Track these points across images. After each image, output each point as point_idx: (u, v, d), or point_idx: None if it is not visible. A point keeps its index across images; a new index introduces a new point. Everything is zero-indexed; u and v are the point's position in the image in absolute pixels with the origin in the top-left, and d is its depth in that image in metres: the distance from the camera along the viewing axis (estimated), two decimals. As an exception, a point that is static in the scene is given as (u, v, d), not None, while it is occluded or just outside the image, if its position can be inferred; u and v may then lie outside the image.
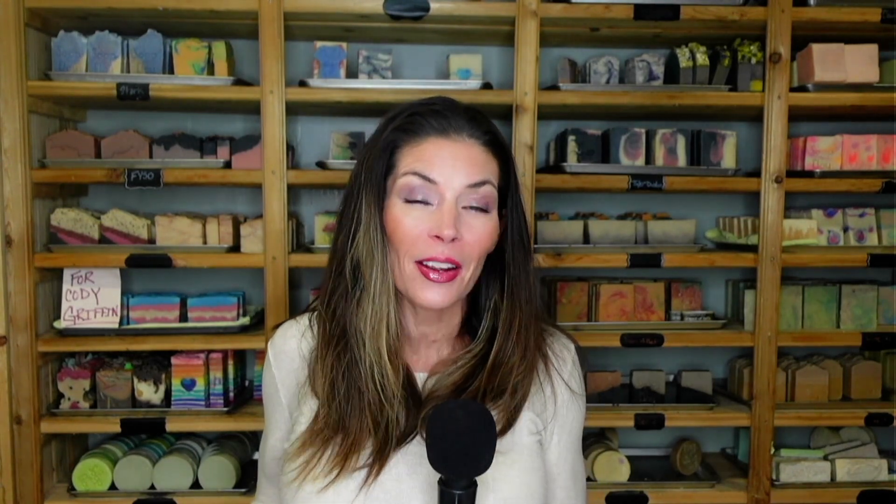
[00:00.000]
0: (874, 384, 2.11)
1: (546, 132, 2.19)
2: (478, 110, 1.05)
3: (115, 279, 1.94)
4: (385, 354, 1.00)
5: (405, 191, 0.98)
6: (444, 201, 0.97)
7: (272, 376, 1.10)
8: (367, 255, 1.00)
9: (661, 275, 2.14)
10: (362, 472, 0.97)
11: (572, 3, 1.87)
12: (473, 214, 0.99)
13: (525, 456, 1.03)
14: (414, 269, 0.98)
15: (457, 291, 1.00)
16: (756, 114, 1.98)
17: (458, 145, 0.99)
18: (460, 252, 0.98)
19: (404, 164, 0.99)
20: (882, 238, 2.07)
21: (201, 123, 2.15)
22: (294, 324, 1.11)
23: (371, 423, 0.98)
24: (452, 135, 1.00)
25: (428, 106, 1.03)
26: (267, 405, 1.12)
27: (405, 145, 1.00)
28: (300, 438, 1.01)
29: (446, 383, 1.03)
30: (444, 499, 0.87)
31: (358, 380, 1.00)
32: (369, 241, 1.00)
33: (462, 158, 0.99)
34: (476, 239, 0.99)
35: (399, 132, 1.01)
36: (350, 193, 1.04)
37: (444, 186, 0.97)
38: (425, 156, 0.98)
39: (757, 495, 2.00)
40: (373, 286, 1.00)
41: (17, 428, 1.86)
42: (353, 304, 1.02)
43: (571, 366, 1.12)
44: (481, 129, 1.02)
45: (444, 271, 0.98)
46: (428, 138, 0.99)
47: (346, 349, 1.02)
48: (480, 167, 1.00)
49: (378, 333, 1.00)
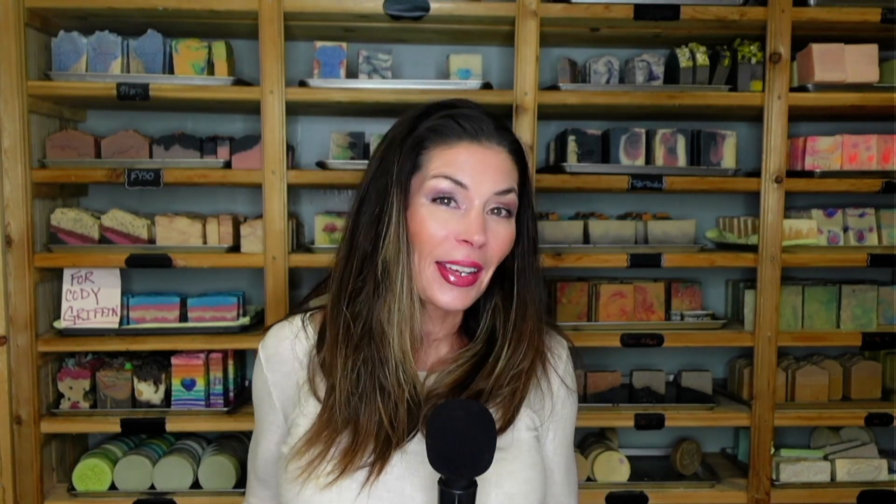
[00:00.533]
0: (874, 384, 2.12)
1: (546, 132, 2.19)
2: (501, 118, 1.06)
3: (115, 279, 1.94)
4: (409, 354, 1.01)
5: (433, 192, 0.99)
6: (473, 207, 0.98)
7: (264, 379, 1.09)
8: (395, 255, 1.00)
9: (661, 275, 2.14)
10: (364, 471, 0.97)
11: (572, 3, 1.87)
12: (497, 220, 1.01)
13: (525, 451, 1.04)
14: (434, 271, 0.99)
15: (475, 294, 1.02)
16: (756, 114, 1.98)
17: (489, 152, 1.01)
18: (484, 256, 1.00)
19: (434, 165, 0.99)
20: (882, 238, 2.07)
21: (201, 123, 2.15)
22: (286, 325, 1.10)
23: (384, 421, 0.98)
24: (484, 141, 1.01)
25: (459, 109, 1.03)
26: (259, 408, 1.12)
27: (434, 147, 1.00)
28: (303, 438, 1.01)
29: (446, 382, 1.04)
30: (444, 499, 0.87)
31: (382, 379, 0.99)
32: (398, 241, 1.00)
33: (492, 165, 1.00)
34: (499, 244, 1.01)
35: (429, 132, 1.01)
36: (369, 191, 1.03)
37: (473, 192, 0.98)
38: (457, 160, 0.99)
39: (757, 495, 2.00)
40: (399, 286, 1.00)
41: (17, 428, 1.86)
42: (379, 304, 1.01)
43: (566, 363, 1.14)
44: (508, 137, 1.04)
45: (464, 276, 0.99)
46: (461, 142, 1.00)
47: (370, 348, 1.01)
48: (507, 175, 1.01)
49: (403, 334, 1.01)
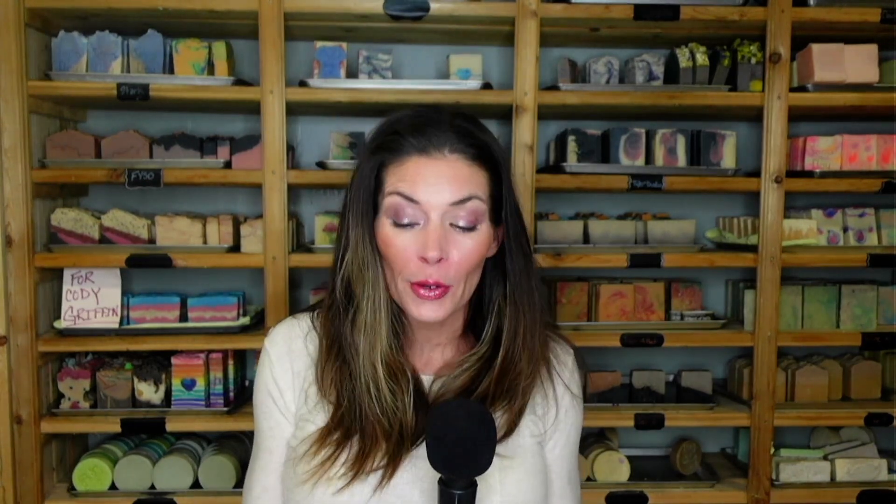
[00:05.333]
0: (874, 384, 2.12)
1: (546, 132, 2.19)
2: (468, 118, 1.03)
3: (116, 279, 1.93)
4: (380, 369, 0.99)
5: (391, 211, 0.98)
6: (430, 221, 0.96)
7: (272, 378, 1.07)
8: (357, 273, 1.00)
9: (661, 275, 2.14)
10: (375, 475, 0.97)
11: (572, 3, 1.87)
12: (460, 232, 0.98)
13: (528, 459, 1.04)
14: (406, 286, 0.99)
15: (451, 305, 1.00)
16: (756, 114, 1.98)
17: (439, 163, 0.97)
18: (446, 273, 0.97)
19: (389, 183, 0.99)
20: (882, 238, 2.07)
21: (201, 123, 2.15)
22: (296, 323, 1.10)
23: (384, 428, 0.98)
24: (433, 152, 0.97)
25: (410, 121, 1.01)
26: (264, 411, 1.07)
27: (390, 164, 0.99)
28: (312, 439, 1.00)
29: (452, 387, 1.03)
30: (444, 499, 0.87)
31: (358, 392, 1.00)
32: (358, 260, 1.00)
33: (444, 176, 0.97)
34: (463, 257, 0.98)
35: (383, 151, 1.00)
36: (342, 211, 1.05)
37: (427, 206, 0.96)
38: (407, 175, 0.97)
39: (757, 495, 2.00)
40: (365, 303, 1.00)
41: (17, 428, 1.85)
42: (347, 320, 1.02)
43: (571, 369, 1.13)
44: (465, 142, 0.99)
45: (433, 291, 0.98)
46: (410, 157, 0.98)
47: (345, 363, 1.02)
48: (464, 182, 0.97)
49: (373, 348, 1.00)
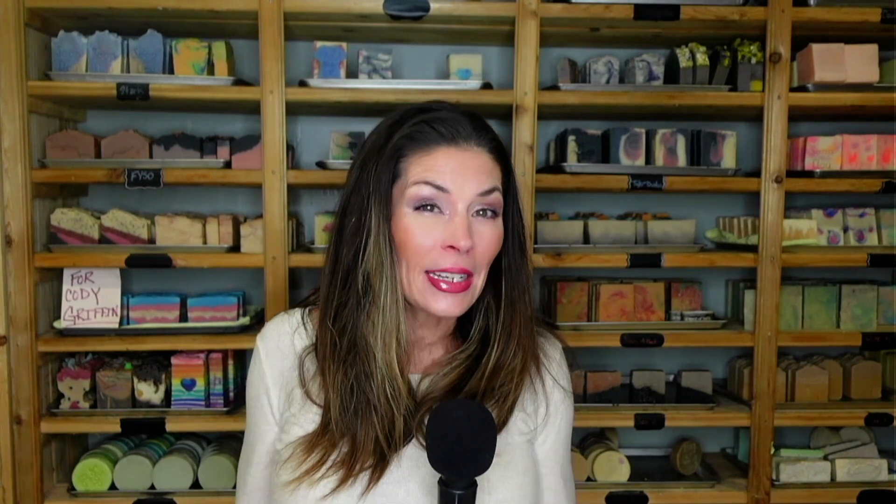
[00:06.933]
0: (874, 384, 2.12)
1: (546, 132, 2.19)
2: (479, 116, 1.04)
3: (115, 279, 1.93)
4: (395, 367, 0.99)
5: (415, 200, 0.97)
6: (457, 211, 0.97)
7: (262, 374, 1.06)
8: (377, 267, 0.98)
9: (661, 275, 2.14)
10: (362, 477, 0.96)
11: (572, 3, 1.87)
12: (483, 221, 0.99)
13: (518, 457, 1.03)
14: (424, 280, 0.98)
15: (470, 299, 1.00)
16: (756, 114, 1.98)
17: (468, 154, 0.99)
18: (472, 261, 0.98)
19: (413, 172, 0.98)
20: (882, 238, 2.07)
21: (201, 123, 2.15)
22: (287, 319, 1.09)
23: (379, 433, 0.97)
24: (462, 143, 0.99)
25: (434, 113, 1.01)
26: (254, 408, 1.07)
27: (412, 154, 0.99)
28: (300, 443, 0.99)
29: (441, 385, 1.03)
30: (445, 499, 0.87)
31: (369, 393, 0.98)
32: (379, 252, 0.98)
33: (473, 167, 0.98)
34: (486, 246, 0.99)
35: (406, 140, 0.99)
36: (350, 202, 1.02)
37: (456, 196, 0.97)
38: (437, 165, 0.97)
39: (757, 495, 2.00)
40: (383, 298, 0.99)
41: (17, 428, 1.86)
42: (363, 317, 1.00)
43: (559, 363, 1.13)
44: (487, 136, 1.02)
45: (456, 282, 0.97)
46: (438, 147, 0.98)
47: (355, 363, 0.99)
48: (488, 175, 0.99)
49: (389, 346, 0.99)
